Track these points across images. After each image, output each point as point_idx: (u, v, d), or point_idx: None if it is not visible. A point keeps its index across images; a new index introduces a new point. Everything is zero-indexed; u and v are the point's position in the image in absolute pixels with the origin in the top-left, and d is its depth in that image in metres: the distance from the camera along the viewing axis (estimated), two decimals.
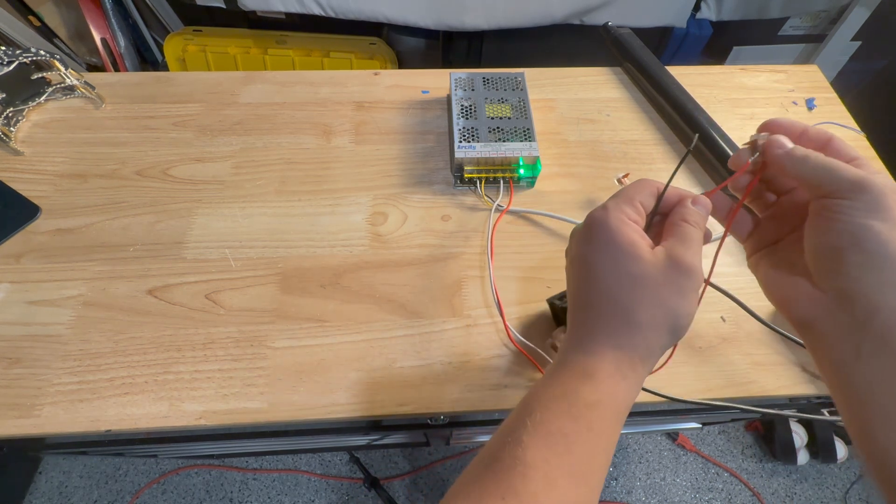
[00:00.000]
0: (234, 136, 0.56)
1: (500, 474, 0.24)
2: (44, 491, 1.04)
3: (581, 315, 0.28)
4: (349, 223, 0.50)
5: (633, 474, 1.11)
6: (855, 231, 0.23)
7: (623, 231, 0.27)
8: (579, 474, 0.24)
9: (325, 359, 0.42)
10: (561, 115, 0.60)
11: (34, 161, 0.53)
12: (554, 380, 0.27)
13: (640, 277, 0.26)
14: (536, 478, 0.23)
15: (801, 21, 1.19)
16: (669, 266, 0.26)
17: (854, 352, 0.23)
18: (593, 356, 0.26)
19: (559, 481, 0.23)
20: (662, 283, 0.26)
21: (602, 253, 0.27)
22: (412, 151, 0.55)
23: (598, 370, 0.26)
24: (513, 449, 0.24)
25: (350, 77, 0.62)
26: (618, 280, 0.27)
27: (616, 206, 0.28)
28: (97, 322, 0.43)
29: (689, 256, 0.26)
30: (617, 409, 0.26)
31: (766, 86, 0.64)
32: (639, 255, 0.26)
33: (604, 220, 0.28)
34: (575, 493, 0.23)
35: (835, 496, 1.10)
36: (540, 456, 0.24)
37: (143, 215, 0.49)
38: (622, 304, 0.26)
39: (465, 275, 0.47)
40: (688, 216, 0.28)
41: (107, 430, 0.38)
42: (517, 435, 0.25)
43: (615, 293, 0.27)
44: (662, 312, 0.26)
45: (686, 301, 0.26)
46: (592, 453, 0.25)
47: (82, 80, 0.57)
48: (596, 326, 0.27)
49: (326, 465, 1.10)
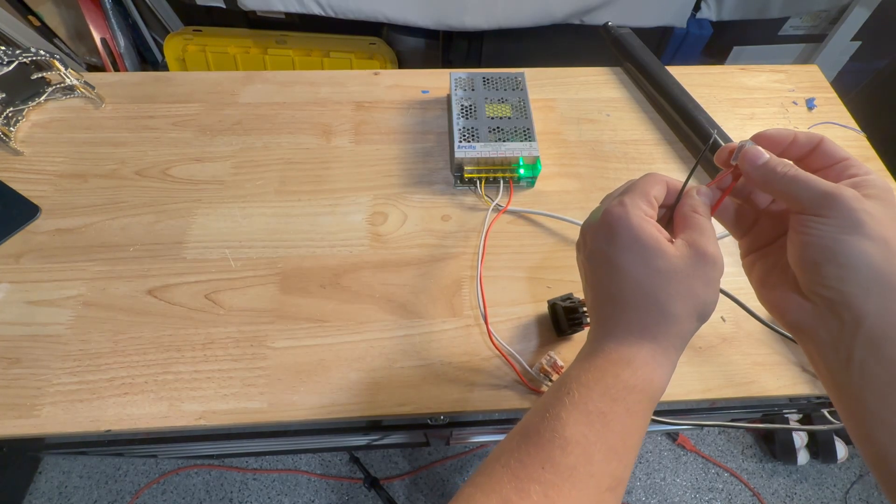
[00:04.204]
0: (234, 136, 0.56)
1: (540, 446, 0.25)
2: (44, 491, 1.04)
3: (608, 309, 0.29)
4: (349, 223, 0.50)
5: (634, 474, 1.11)
6: (829, 245, 0.23)
7: (645, 228, 0.28)
8: (614, 451, 0.25)
9: (325, 359, 0.42)
10: (561, 115, 0.60)
11: (34, 161, 0.53)
12: (590, 363, 0.28)
13: (669, 272, 0.27)
14: (576, 452, 0.24)
15: (801, 21, 1.19)
16: (695, 258, 0.27)
17: (845, 358, 0.24)
18: (629, 346, 0.28)
19: (596, 456, 0.25)
20: (691, 275, 0.27)
21: (628, 251, 0.28)
22: (412, 151, 0.55)
23: (636, 358, 0.27)
24: (552, 423, 0.26)
25: (350, 77, 0.62)
26: (648, 276, 0.27)
27: (633, 202, 0.28)
28: (97, 322, 0.43)
29: (711, 247, 0.27)
30: (653, 394, 0.27)
31: (766, 86, 0.64)
32: (664, 250, 0.27)
33: (625, 218, 0.28)
34: (609, 468, 0.25)
35: (835, 496, 1.10)
36: (579, 431, 0.25)
37: (142, 215, 0.49)
38: (655, 299, 0.27)
39: (464, 275, 0.47)
40: (697, 207, 0.29)
41: (107, 430, 0.38)
42: (556, 411, 0.26)
43: (647, 289, 0.27)
44: (693, 303, 0.27)
45: (713, 290, 0.28)
46: (628, 433, 0.26)
47: (82, 80, 0.57)
48: (629, 320, 0.28)
49: (326, 465, 1.10)
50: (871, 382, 0.23)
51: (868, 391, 0.23)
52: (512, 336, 0.43)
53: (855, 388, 0.24)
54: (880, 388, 0.23)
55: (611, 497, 0.25)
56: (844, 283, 0.23)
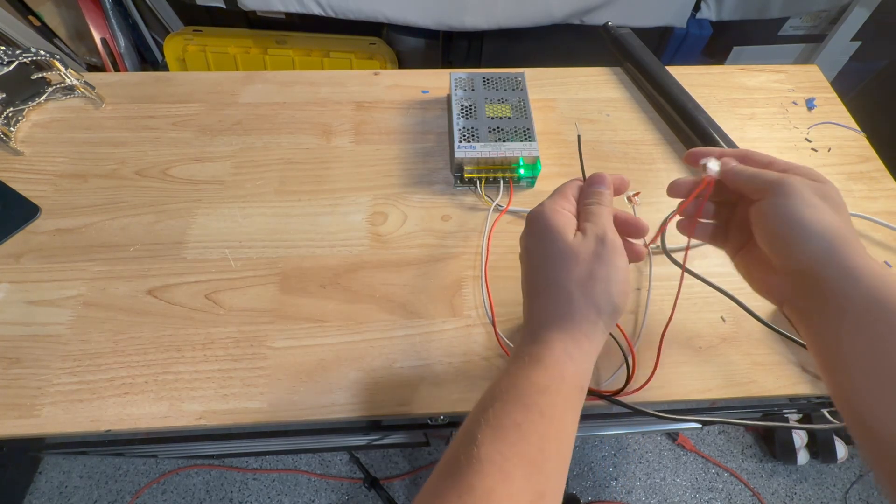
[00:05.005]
0: (234, 136, 0.56)
1: (459, 475, 0.24)
2: (44, 491, 1.05)
3: (526, 304, 0.32)
4: (349, 223, 0.50)
5: (633, 474, 1.11)
6: (786, 217, 0.28)
7: (556, 218, 0.31)
8: (534, 463, 0.24)
9: (325, 359, 0.42)
10: (561, 115, 0.60)
11: (34, 161, 0.53)
12: (506, 374, 0.28)
13: (566, 253, 0.30)
14: (492, 472, 0.23)
15: (801, 21, 1.18)
16: (587, 240, 0.30)
17: (820, 316, 0.27)
18: (540, 343, 0.28)
19: (514, 472, 0.23)
20: (584, 254, 0.30)
21: (538, 239, 0.31)
22: (412, 151, 0.55)
23: (546, 355, 0.28)
24: (468, 449, 0.24)
25: (350, 77, 0.62)
26: (551, 260, 0.30)
27: (550, 200, 0.33)
28: (97, 322, 0.43)
29: (597, 226, 0.31)
30: (567, 392, 0.27)
31: (766, 86, 0.64)
32: (565, 235, 0.30)
33: (539, 212, 0.32)
34: (531, 484, 0.24)
35: (835, 496, 1.10)
36: (494, 450, 0.24)
37: (142, 215, 0.49)
38: (556, 281, 0.29)
39: (464, 275, 0.47)
40: (585, 198, 0.33)
41: (107, 430, 0.38)
42: (472, 434, 0.25)
43: (548, 272, 0.30)
44: (592, 283, 0.29)
45: (611, 268, 0.29)
46: (546, 440, 0.25)
47: (82, 80, 0.57)
48: (538, 309, 0.30)
49: (326, 465, 1.10)
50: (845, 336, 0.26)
51: (847, 346, 0.26)
52: (512, 336, 0.43)
53: (831, 342, 0.27)
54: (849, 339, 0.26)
55: None
56: (803, 246, 0.28)
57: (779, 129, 0.59)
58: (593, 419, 0.63)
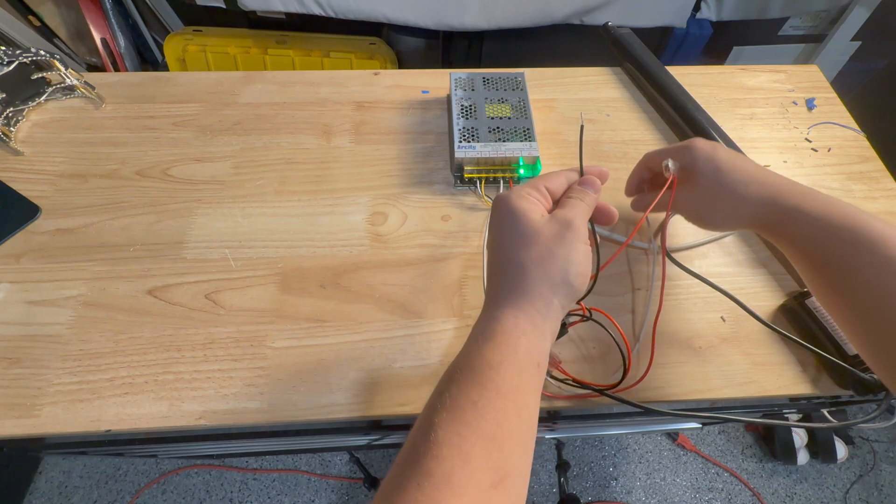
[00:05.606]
0: (234, 136, 0.56)
1: (417, 462, 0.23)
2: (44, 491, 1.05)
3: (487, 285, 0.33)
4: (349, 223, 0.50)
5: (633, 474, 1.11)
6: (706, 163, 0.37)
7: (519, 203, 0.31)
8: (493, 439, 0.24)
9: (325, 359, 0.42)
10: (561, 115, 0.60)
11: (34, 161, 0.53)
12: (460, 354, 0.28)
13: (528, 234, 0.30)
14: (450, 455, 0.23)
15: (801, 21, 1.19)
16: (552, 222, 0.30)
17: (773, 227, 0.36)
18: (493, 320, 0.28)
19: (473, 452, 0.23)
20: (547, 235, 0.30)
21: (501, 223, 0.31)
22: (412, 151, 0.55)
23: (498, 331, 0.27)
24: (426, 434, 0.24)
25: (350, 77, 0.62)
26: (513, 241, 0.30)
27: (518, 188, 0.33)
28: (97, 322, 0.43)
29: (568, 214, 0.31)
30: (522, 366, 0.27)
31: (766, 86, 0.64)
32: (529, 217, 0.31)
33: (505, 196, 0.32)
34: (491, 461, 0.23)
35: (835, 496, 1.10)
36: (452, 431, 0.23)
37: (142, 215, 0.49)
38: (514, 260, 0.30)
39: (464, 275, 0.47)
40: (571, 192, 0.34)
41: (107, 430, 0.38)
42: (429, 419, 0.25)
43: (510, 253, 0.30)
44: (551, 262, 0.29)
45: (572, 250, 0.29)
46: (505, 415, 0.25)
47: (82, 80, 0.57)
48: (497, 287, 0.30)
49: (326, 465, 1.10)
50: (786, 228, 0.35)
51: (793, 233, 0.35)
52: None
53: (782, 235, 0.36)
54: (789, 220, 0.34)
55: (498, 494, 0.23)
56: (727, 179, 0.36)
57: (779, 129, 0.59)
58: (593, 419, 0.63)
